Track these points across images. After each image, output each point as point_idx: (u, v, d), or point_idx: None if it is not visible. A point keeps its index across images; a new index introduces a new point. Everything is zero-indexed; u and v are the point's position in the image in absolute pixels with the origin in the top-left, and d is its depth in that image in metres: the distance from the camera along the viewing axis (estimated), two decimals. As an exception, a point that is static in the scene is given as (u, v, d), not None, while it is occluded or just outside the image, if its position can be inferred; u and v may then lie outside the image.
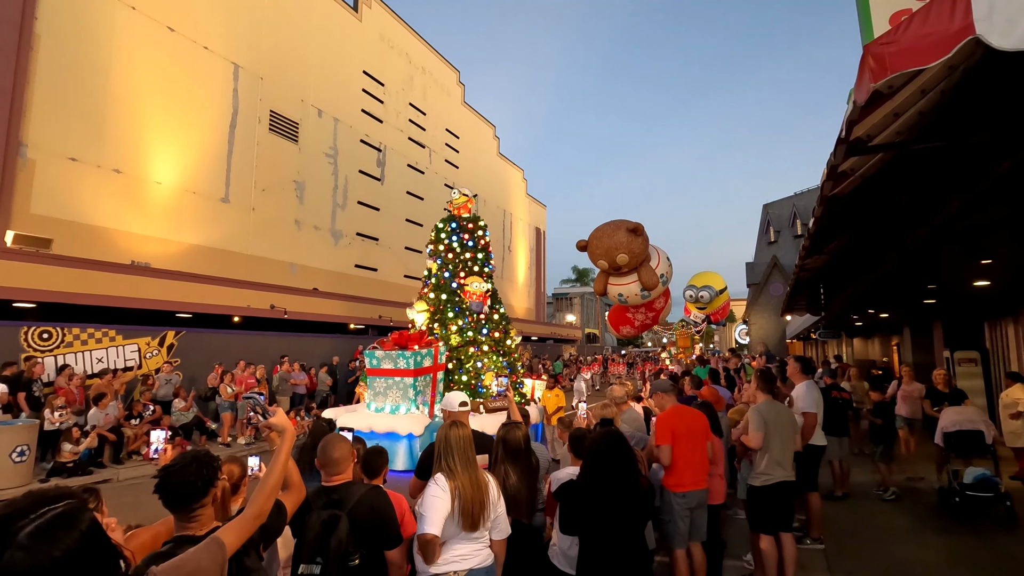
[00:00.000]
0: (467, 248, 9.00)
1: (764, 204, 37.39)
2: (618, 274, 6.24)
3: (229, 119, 15.56)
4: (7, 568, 0.96)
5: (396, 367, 7.27)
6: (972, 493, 5.80)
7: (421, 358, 7.20)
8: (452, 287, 8.67)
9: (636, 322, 7.32)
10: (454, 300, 8.57)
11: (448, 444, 2.67)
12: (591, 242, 6.11)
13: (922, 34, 2.05)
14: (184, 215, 14.09)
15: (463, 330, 8.37)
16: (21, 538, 0.99)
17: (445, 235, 9.08)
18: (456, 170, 28.46)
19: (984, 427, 6.07)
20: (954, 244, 5.23)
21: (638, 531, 2.90)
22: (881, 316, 12.82)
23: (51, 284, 10.20)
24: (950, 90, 3.19)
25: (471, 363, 8.08)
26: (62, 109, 11.58)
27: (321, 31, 19.30)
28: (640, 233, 5.83)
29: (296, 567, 2.21)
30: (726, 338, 47.54)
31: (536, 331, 34.58)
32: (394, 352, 7.29)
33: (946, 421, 6.33)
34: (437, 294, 8.61)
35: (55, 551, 1.01)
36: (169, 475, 1.80)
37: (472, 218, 9.28)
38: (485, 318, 8.68)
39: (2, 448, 7.49)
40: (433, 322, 8.43)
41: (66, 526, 1.06)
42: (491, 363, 8.29)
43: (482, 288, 8.57)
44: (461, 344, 8.24)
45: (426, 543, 2.45)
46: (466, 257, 8.90)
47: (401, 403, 7.26)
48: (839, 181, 3.80)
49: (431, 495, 2.53)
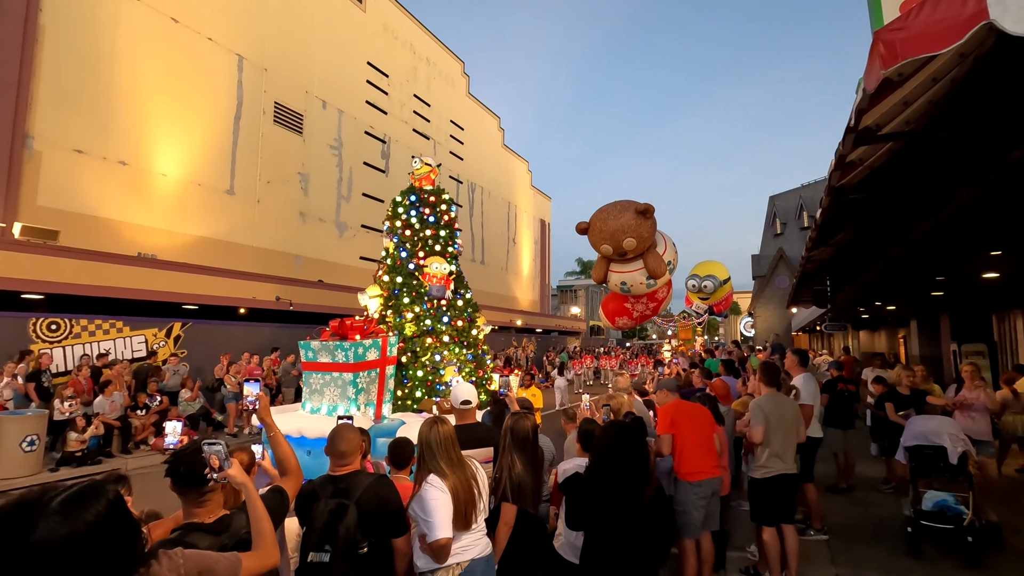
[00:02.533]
0: (428, 224, 7.71)
1: (770, 196, 37.15)
2: (622, 260, 5.66)
3: (234, 111, 15.55)
4: (46, 533, 1.05)
5: (334, 360, 6.12)
6: (928, 523, 4.82)
7: (364, 350, 6.03)
8: (409, 269, 7.45)
9: (635, 313, 6.75)
10: (411, 284, 7.37)
11: (429, 447, 2.58)
12: (593, 224, 5.49)
13: (934, 20, 2.01)
14: (189, 207, 14.13)
15: (420, 318, 7.19)
16: (55, 505, 1.09)
17: (403, 210, 7.79)
18: (460, 162, 28.38)
19: (949, 441, 4.96)
20: (963, 235, 5.18)
21: (645, 527, 2.86)
22: (888, 309, 12.74)
23: (59, 275, 10.27)
24: (961, 78, 3.14)
25: (428, 356, 6.93)
26: (67, 101, 11.60)
27: (325, 22, 19.22)
28: (649, 215, 5.28)
29: (305, 555, 2.22)
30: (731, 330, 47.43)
31: (541, 323, 34.59)
32: (331, 343, 6.14)
33: (909, 433, 5.34)
34: (392, 277, 7.41)
35: (87, 515, 1.11)
36: (181, 459, 1.82)
37: (435, 191, 8.01)
38: (447, 304, 7.51)
39: (12, 438, 7.57)
40: (387, 309, 7.34)
41: (94, 495, 1.16)
42: (453, 356, 7.17)
43: (444, 270, 7.39)
44: (417, 334, 7.08)
45: (441, 547, 2.41)
46: (426, 235, 7.64)
47: (339, 403, 6.14)
48: (847, 171, 3.76)
49: (432, 498, 2.45)
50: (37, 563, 1.04)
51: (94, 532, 1.11)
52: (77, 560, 1.08)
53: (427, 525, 2.42)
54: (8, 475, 7.45)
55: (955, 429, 5.10)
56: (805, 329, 24.99)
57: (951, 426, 5.15)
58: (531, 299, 36.89)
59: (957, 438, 4.98)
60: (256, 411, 2.37)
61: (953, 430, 5.06)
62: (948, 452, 4.93)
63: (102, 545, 1.13)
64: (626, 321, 6.92)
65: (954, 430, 5.07)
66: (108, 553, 1.15)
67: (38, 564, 1.04)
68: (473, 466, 2.71)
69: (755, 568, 4.60)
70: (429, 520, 2.41)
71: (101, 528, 1.13)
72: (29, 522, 1.06)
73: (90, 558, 1.11)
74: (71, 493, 1.14)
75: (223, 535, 1.78)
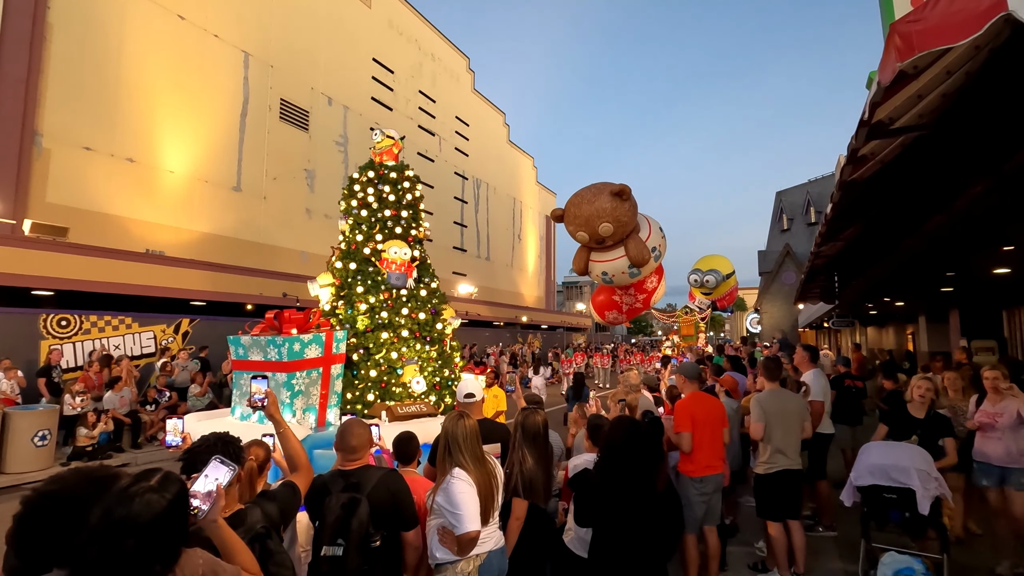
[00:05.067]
0: (387, 204, 6.78)
1: (777, 191, 36.96)
2: (601, 248, 5.25)
3: (240, 107, 15.59)
4: (149, 503, 1.31)
5: (266, 359, 5.28)
6: None
7: (302, 346, 5.18)
8: (364, 254, 6.56)
9: (624, 306, 6.23)
10: (367, 271, 6.48)
11: (455, 442, 2.60)
12: (568, 210, 5.07)
13: (951, 11, 1.99)
14: (196, 203, 14.19)
15: (375, 310, 6.28)
16: (153, 484, 1.36)
17: (359, 187, 6.86)
18: (466, 158, 28.35)
19: (918, 481, 3.69)
20: (975, 230, 5.14)
21: (654, 522, 2.84)
22: (896, 304, 12.67)
23: (68, 272, 10.34)
24: (975, 71, 3.11)
25: (383, 353, 6.06)
26: (76, 98, 11.66)
27: (330, 18, 19.21)
28: (627, 196, 4.82)
29: (318, 549, 2.24)
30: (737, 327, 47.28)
31: (546, 319, 34.59)
32: (263, 338, 5.34)
33: (862, 466, 4.04)
34: (345, 263, 6.55)
35: (169, 494, 1.37)
36: (196, 455, 1.84)
37: (397, 166, 7.05)
38: (408, 295, 6.58)
39: (25, 432, 7.65)
40: (338, 299, 6.50)
41: (175, 479, 1.44)
42: (413, 353, 6.29)
43: (404, 255, 6.51)
44: (371, 328, 6.19)
45: (471, 540, 2.42)
46: (385, 215, 6.72)
47: None
48: (859, 165, 3.73)
49: (460, 491, 2.45)
50: (123, 536, 1.25)
51: (173, 506, 1.36)
52: (155, 536, 1.30)
53: (455, 517, 2.41)
54: (20, 469, 7.54)
55: (927, 464, 3.82)
56: (812, 325, 24.89)
57: (921, 459, 3.85)
58: (537, 295, 36.88)
59: (929, 477, 3.73)
60: (264, 408, 2.39)
61: (924, 465, 3.80)
62: (917, 497, 3.68)
63: (173, 526, 1.36)
64: (616, 315, 6.42)
65: (925, 465, 3.80)
66: (176, 533, 1.38)
67: (124, 537, 1.25)
68: (492, 462, 2.73)
69: (763, 563, 4.60)
70: (458, 512, 2.40)
71: (177, 504, 1.38)
72: (114, 501, 1.29)
73: (164, 535, 1.34)
74: (161, 476, 1.40)
75: (239, 529, 1.79)
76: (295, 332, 5.27)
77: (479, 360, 19.75)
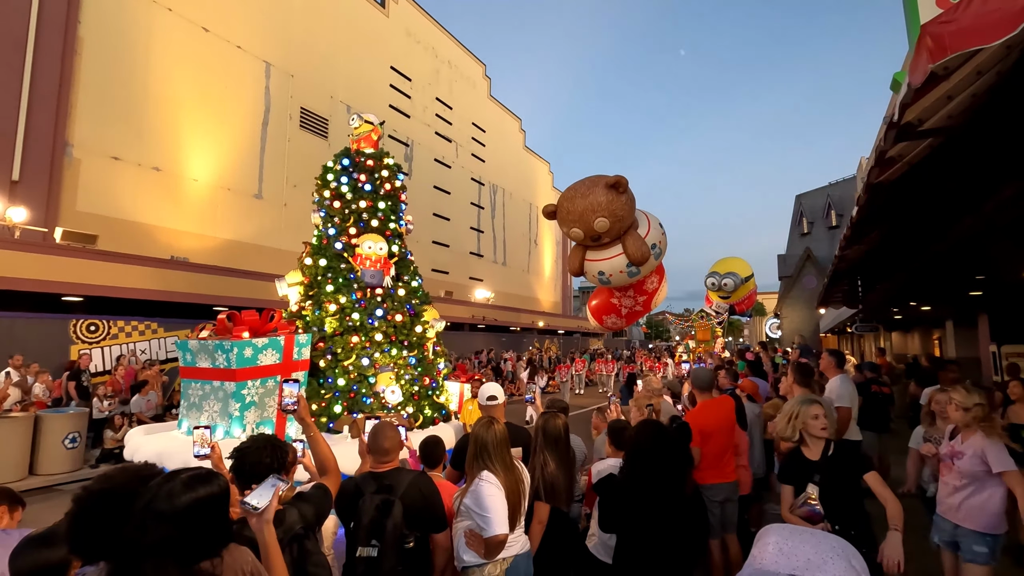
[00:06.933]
0: (362, 194, 6.11)
1: (797, 195, 36.46)
2: (597, 246, 4.85)
3: (261, 117, 15.89)
4: (175, 501, 1.37)
5: (214, 365, 4.66)
6: None
7: (255, 352, 4.59)
8: (336, 249, 5.93)
9: (623, 309, 5.75)
10: (338, 268, 5.85)
11: (485, 447, 2.60)
12: (561, 205, 4.69)
13: (984, 12, 1.97)
14: (219, 211, 14.48)
15: (345, 310, 5.65)
16: (183, 479, 1.43)
17: (332, 176, 6.20)
18: (482, 164, 28.50)
19: None
20: (1006, 232, 5.02)
21: (680, 528, 2.81)
22: (922, 309, 12.40)
23: (97, 278, 10.61)
24: (1006, 71, 3.05)
25: (352, 359, 5.47)
26: (105, 109, 12.01)
27: (349, 27, 19.52)
28: (623, 189, 4.46)
29: (353, 550, 2.27)
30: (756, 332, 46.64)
31: (563, 324, 34.50)
32: (211, 342, 4.68)
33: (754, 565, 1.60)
34: (315, 259, 5.95)
35: (205, 490, 1.44)
36: (245, 455, 1.89)
37: (376, 154, 6.35)
38: (384, 294, 5.92)
39: (56, 435, 7.85)
40: (307, 299, 5.91)
41: (216, 474, 1.52)
42: (388, 359, 5.65)
43: (380, 251, 5.83)
44: (340, 331, 5.58)
45: (499, 543, 2.42)
46: (360, 207, 6.05)
47: (219, 422, 4.58)
48: (886, 168, 3.68)
49: (488, 494, 2.45)
50: (160, 524, 1.33)
51: (209, 506, 1.42)
52: (193, 526, 1.37)
53: (484, 520, 2.42)
54: (52, 471, 7.73)
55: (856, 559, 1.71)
56: (834, 331, 24.46)
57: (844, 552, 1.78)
58: (553, 300, 36.82)
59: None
60: (295, 412, 2.42)
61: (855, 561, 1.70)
62: None
63: (212, 519, 1.43)
64: (615, 320, 5.95)
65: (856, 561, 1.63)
66: (215, 526, 1.44)
67: (161, 525, 1.33)
68: (520, 468, 2.74)
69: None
70: (487, 515, 2.41)
71: (214, 505, 1.44)
72: (155, 493, 1.37)
73: (202, 527, 1.40)
74: (195, 474, 1.46)
75: (278, 529, 1.82)
76: (247, 336, 4.66)
77: (495, 366, 19.70)
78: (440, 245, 24.39)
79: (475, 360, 19.72)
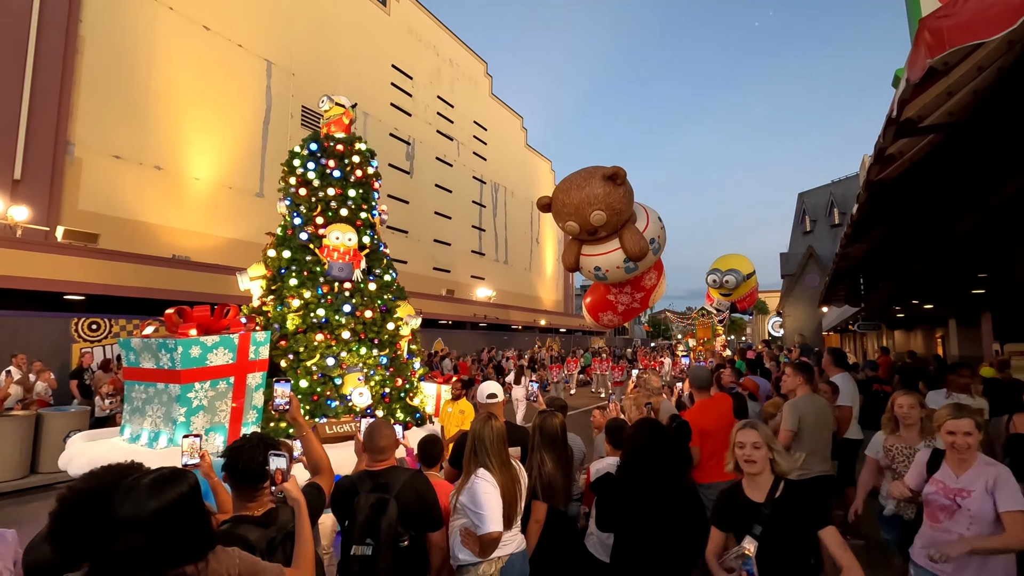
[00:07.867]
0: (331, 181, 5.66)
1: (799, 193, 36.35)
2: (593, 240, 4.66)
3: (263, 115, 15.90)
4: (135, 508, 1.28)
5: (157, 366, 4.20)
6: None
7: (203, 351, 4.15)
8: (301, 240, 5.49)
9: (619, 306, 5.52)
10: (303, 260, 5.42)
11: (483, 444, 2.60)
12: (556, 197, 4.50)
13: (983, 6, 1.94)
14: (221, 210, 14.50)
15: (310, 306, 5.24)
16: (146, 482, 1.33)
17: (299, 162, 5.75)
18: (484, 162, 28.48)
19: None
20: (1008, 229, 4.99)
21: (678, 526, 2.77)
22: (925, 307, 12.34)
23: (98, 277, 10.64)
24: (1008, 67, 3.03)
25: (316, 359, 5.06)
26: (106, 108, 12.02)
27: (350, 26, 19.51)
28: (621, 180, 4.27)
29: (348, 548, 2.27)
30: (758, 330, 46.55)
31: (564, 323, 34.49)
32: (153, 341, 4.25)
33: None
34: (279, 251, 5.52)
35: (172, 494, 1.33)
36: (238, 453, 1.88)
37: (346, 139, 5.91)
38: (353, 289, 5.50)
39: (58, 433, 7.85)
40: (269, 294, 5.48)
41: (183, 472, 1.42)
42: (356, 359, 5.25)
43: (348, 242, 5.45)
44: (303, 328, 5.16)
45: (493, 540, 2.42)
46: (328, 195, 5.62)
47: (163, 428, 4.14)
48: (886, 165, 3.65)
49: (484, 492, 2.46)
50: (129, 531, 1.24)
51: (177, 509, 1.32)
52: (163, 531, 1.29)
53: (478, 518, 2.42)
54: (53, 469, 7.72)
55: None
56: (836, 329, 24.38)
57: None
58: (555, 299, 36.81)
59: None
60: (287, 412, 2.42)
61: None
62: None
63: (184, 521, 1.33)
64: (611, 317, 5.76)
65: None
66: (190, 529, 1.35)
67: (130, 532, 1.24)
68: (517, 467, 2.73)
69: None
70: (481, 513, 2.41)
71: (183, 506, 1.34)
72: (120, 497, 1.28)
73: (174, 531, 1.31)
74: (158, 475, 1.36)
75: (271, 527, 1.83)
76: (194, 333, 4.27)
77: (497, 364, 19.59)
78: (442, 243, 24.40)
79: (475, 359, 19.71)
